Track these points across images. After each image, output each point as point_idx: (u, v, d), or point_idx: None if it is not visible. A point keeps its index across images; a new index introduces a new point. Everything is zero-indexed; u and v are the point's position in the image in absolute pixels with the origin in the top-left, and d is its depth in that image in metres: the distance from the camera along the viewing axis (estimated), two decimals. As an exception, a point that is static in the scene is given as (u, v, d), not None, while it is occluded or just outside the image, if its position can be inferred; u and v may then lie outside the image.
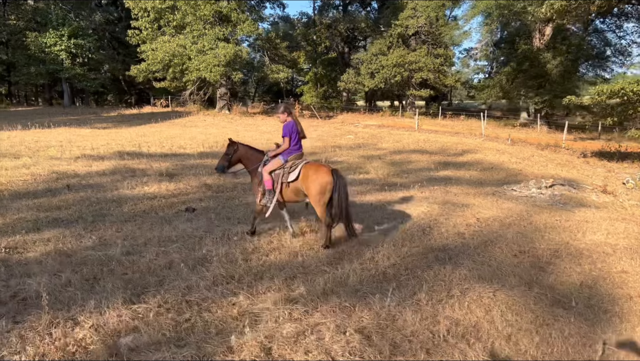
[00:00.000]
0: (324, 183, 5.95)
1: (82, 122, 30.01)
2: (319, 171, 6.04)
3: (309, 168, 6.13)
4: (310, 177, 6.02)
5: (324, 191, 5.96)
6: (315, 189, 5.99)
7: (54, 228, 6.73)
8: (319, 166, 6.21)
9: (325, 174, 5.99)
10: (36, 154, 14.80)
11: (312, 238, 6.48)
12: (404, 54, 37.03)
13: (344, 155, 17.93)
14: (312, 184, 6.00)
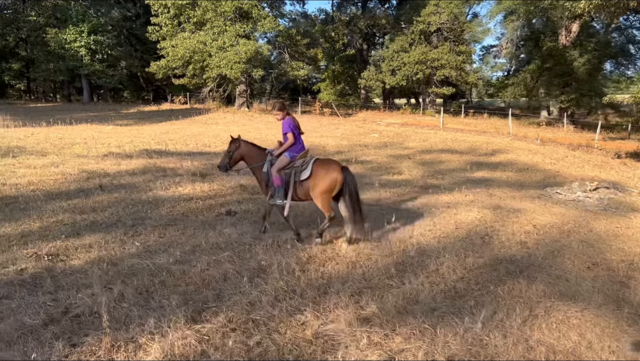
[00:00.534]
0: (334, 180, 5.86)
1: (102, 119, 29.91)
2: (330, 167, 5.96)
3: (319, 165, 6.05)
4: (320, 174, 5.93)
5: (331, 189, 5.89)
6: (323, 185, 5.90)
7: (93, 232, 6.39)
8: (330, 162, 6.14)
9: (336, 171, 5.89)
10: (62, 151, 14.57)
11: (368, 247, 6.07)
12: (426, 51, 36.37)
13: (372, 154, 17.48)
14: (321, 180, 5.91)
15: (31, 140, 16.86)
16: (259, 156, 6.54)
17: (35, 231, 6.35)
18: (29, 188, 9.00)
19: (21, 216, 7.03)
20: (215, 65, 32.30)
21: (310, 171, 6.02)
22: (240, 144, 6.57)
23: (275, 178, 6.16)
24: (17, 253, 5.41)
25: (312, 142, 20.03)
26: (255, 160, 6.53)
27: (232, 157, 6.54)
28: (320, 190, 5.93)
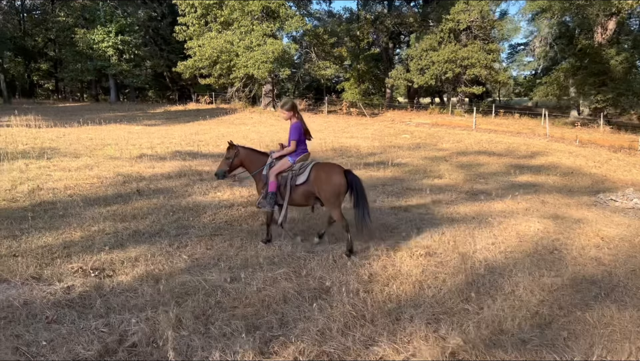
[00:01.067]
0: (338, 185, 5.65)
1: (131, 119, 29.94)
2: (332, 171, 5.73)
3: (320, 169, 5.81)
4: (323, 179, 5.70)
5: (338, 193, 5.67)
6: (328, 191, 5.67)
7: (137, 243, 6.06)
8: (331, 166, 5.90)
9: (339, 175, 5.68)
10: (94, 153, 14.42)
11: (432, 263, 5.61)
12: (455, 49, 35.59)
13: (406, 156, 16.96)
14: (325, 185, 5.67)
15: (63, 141, 16.78)
16: (258, 160, 6.31)
17: (77, 241, 6.05)
18: (66, 192, 8.76)
19: (61, 224, 6.75)
20: (242, 65, 32.08)
21: (307, 175, 5.79)
22: (238, 150, 6.35)
23: (271, 183, 5.92)
24: (62, 267, 5.10)
25: (343, 144, 19.63)
26: (255, 165, 6.32)
27: (232, 164, 6.34)
28: (327, 197, 5.71)
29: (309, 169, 5.84)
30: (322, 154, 16.82)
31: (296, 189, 5.87)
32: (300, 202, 6.06)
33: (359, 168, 13.71)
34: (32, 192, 8.56)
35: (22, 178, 9.59)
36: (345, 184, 5.69)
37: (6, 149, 13.96)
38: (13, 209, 7.42)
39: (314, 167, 5.86)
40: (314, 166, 5.89)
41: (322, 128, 26.94)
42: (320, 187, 5.72)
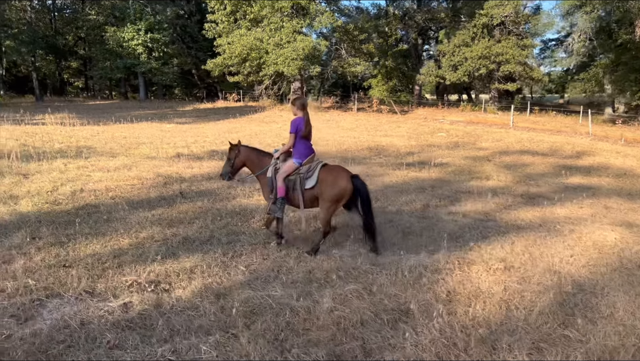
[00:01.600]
0: (342, 189, 5.44)
1: (161, 117, 29.93)
2: (339, 176, 5.53)
3: (327, 172, 5.62)
4: (328, 182, 5.51)
5: (339, 199, 5.49)
6: (330, 194, 5.48)
7: (189, 252, 5.70)
8: (339, 170, 5.69)
9: (346, 181, 5.45)
10: (130, 152, 14.22)
11: (513, 280, 5.09)
12: (489, 45, 34.66)
13: (446, 156, 16.38)
14: (328, 188, 5.49)
15: (98, 139, 16.68)
16: (261, 161, 6.13)
17: (126, 249, 5.72)
18: (107, 194, 8.49)
19: (107, 229, 6.44)
20: (272, 62, 31.78)
21: (316, 178, 5.59)
22: (239, 150, 6.16)
23: (280, 188, 5.72)
24: (115, 279, 4.75)
25: (378, 142, 19.12)
26: (258, 166, 6.15)
27: (234, 165, 6.20)
28: (327, 199, 5.52)
29: (317, 171, 5.62)
30: (358, 153, 16.37)
31: (306, 193, 5.67)
32: (308, 205, 5.86)
33: (401, 168, 13.21)
34: (73, 194, 8.31)
35: (62, 179, 9.38)
36: (350, 189, 5.47)
37: (43, 147, 13.87)
38: (57, 212, 7.16)
39: (321, 170, 5.63)
40: (322, 168, 5.66)
41: (354, 126, 26.45)
42: (323, 189, 5.52)
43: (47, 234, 6.11)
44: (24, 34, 40.91)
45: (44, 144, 14.75)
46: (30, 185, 8.70)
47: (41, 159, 11.52)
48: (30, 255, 5.35)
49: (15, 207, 7.23)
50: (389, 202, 8.86)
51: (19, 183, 8.84)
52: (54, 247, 5.64)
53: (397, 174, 12.43)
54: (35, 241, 5.81)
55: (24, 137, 15.93)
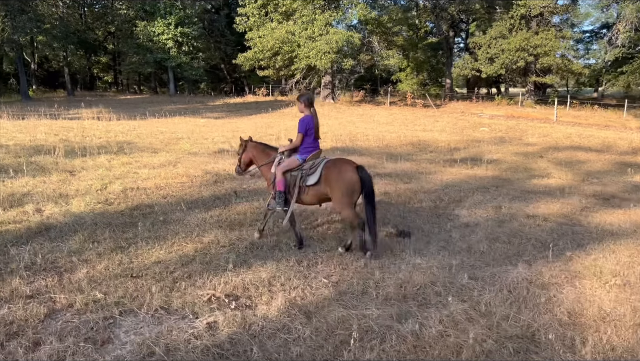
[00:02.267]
0: (351, 183, 5.19)
1: (193, 112, 29.73)
2: (344, 168, 5.28)
3: (331, 167, 5.36)
4: (334, 177, 5.26)
5: (351, 192, 5.22)
6: (340, 190, 5.21)
7: (260, 259, 5.21)
8: (343, 162, 5.44)
9: (352, 173, 5.22)
10: (170, 147, 13.89)
11: (636, 297, 4.45)
12: (528, 36, 33.44)
13: (495, 152, 15.61)
14: (337, 184, 5.23)
15: (136, 134, 16.41)
16: (265, 155, 6.05)
17: (192, 255, 5.26)
18: (159, 193, 8.08)
19: (167, 232, 6.00)
20: (304, 55, 31.22)
21: (319, 175, 5.37)
22: (246, 145, 6.22)
23: (279, 181, 5.60)
24: (190, 293, 4.28)
25: (420, 137, 18.44)
26: (261, 161, 6.07)
27: (242, 160, 6.26)
28: (338, 194, 5.25)
29: (320, 168, 5.41)
30: (401, 149, 15.72)
31: (307, 190, 5.52)
32: (312, 202, 5.70)
33: (453, 165, 12.56)
34: (124, 192, 7.91)
35: (110, 176, 9.01)
36: (358, 181, 5.19)
37: (83, 143, 13.62)
38: (110, 213, 6.75)
39: (325, 166, 5.41)
40: (325, 165, 5.42)
41: (390, 120, 25.78)
42: (331, 186, 5.29)
43: (105, 237, 5.69)
44: (56, 29, 41.17)
45: (84, 139, 14.51)
46: (79, 183, 8.34)
47: (84, 155, 11.23)
48: (92, 263, 4.92)
49: (68, 207, 6.85)
50: (455, 203, 8.23)
51: (66, 181, 8.50)
52: (116, 253, 5.20)
53: (450, 171, 11.77)
54: (94, 246, 5.40)
55: (63, 132, 15.75)
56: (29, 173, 8.65)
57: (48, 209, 6.68)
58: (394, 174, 10.98)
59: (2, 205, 6.72)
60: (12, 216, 6.21)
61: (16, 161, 9.99)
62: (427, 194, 8.81)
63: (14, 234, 5.62)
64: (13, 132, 15.01)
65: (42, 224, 6.02)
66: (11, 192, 7.43)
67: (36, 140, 13.46)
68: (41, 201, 7.04)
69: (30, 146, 12.13)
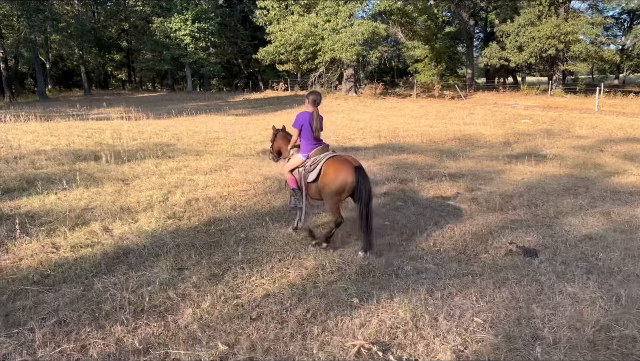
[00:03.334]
0: (343, 183, 5.15)
1: (217, 109, 29.02)
2: (340, 169, 5.23)
3: (329, 166, 5.35)
4: (329, 176, 5.27)
5: (340, 191, 5.22)
6: (331, 188, 5.25)
7: (381, 289, 4.42)
8: (342, 162, 5.31)
9: (347, 174, 5.15)
10: (210, 148, 13.19)
11: None
12: (559, 23, 32.26)
13: (548, 146, 14.69)
14: (331, 181, 5.25)
15: (169, 135, 15.73)
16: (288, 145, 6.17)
17: (301, 284, 4.48)
18: (225, 204, 7.32)
19: (259, 255, 5.23)
20: (329, 48, 30.32)
21: (318, 172, 5.43)
22: (276, 135, 6.48)
23: (290, 180, 5.88)
24: (329, 342, 3.51)
25: (463, 132, 17.57)
26: (286, 150, 6.24)
27: (273, 148, 6.56)
28: (328, 192, 5.31)
29: (320, 165, 5.42)
30: (449, 145, 14.88)
31: (310, 186, 5.62)
32: (317, 196, 5.70)
33: (515, 162, 11.70)
34: (189, 204, 7.17)
35: (166, 185, 8.28)
36: (351, 182, 5.12)
37: (121, 145, 12.98)
38: (185, 230, 6.01)
39: (325, 164, 5.39)
40: (326, 162, 5.40)
41: (423, 114, 24.87)
42: (325, 182, 5.33)
43: (193, 263, 4.95)
44: (72, 27, 40.61)
45: (120, 141, 13.86)
46: (137, 194, 7.61)
47: (128, 159, 10.52)
48: (194, 299, 4.17)
49: (137, 224, 6.12)
50: (553, 209, 7.37)
51: (122, 192, 7.77)
52: (214, 284, 4.46)
53: (518, 170, 10.91)
54: (186, 276, 4.65)
55: (96, 135, 15.10)
56: (81, 183, 7.93)
57: (117, 228, 5.95)
58: (460, 174, 10.16)
59: (64, 223, 6.01)
60: (81, 238, 5.48)
61: (61, 169, 9.30)
62: (514, 198, 7.96)
63: (91, 261, 4.89)
64: (45, 136, 14.37)
65: (117, 247, 5.28)
66: (69, 207, 6.72)
67: (73, 144, 12.81)
68: (105, 218, 6.31)
69: (69, 151, 11.45)
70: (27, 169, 9.11)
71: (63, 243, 5.27)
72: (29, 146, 12.39)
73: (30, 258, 4.89)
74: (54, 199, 7.05)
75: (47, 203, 6.87)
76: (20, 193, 7.42)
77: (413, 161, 11.92)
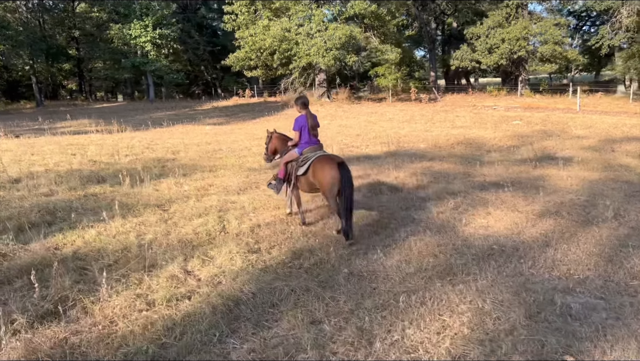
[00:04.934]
0: (330, 177, 5.83)
1: (189, 118, 27.70)
2: (326, 166, 5.92)
3: (317, 163, 6.04)
4: (318, 172, 5.97)
5: (332, 185, 5.83)
6: (323, 184, 5.93)
7: (517, 343, 3.72)
8: (327, 160, 6.00)
9: (332, 169, 5.83)
10: (218, 162, 12.29)
11: None
12: (527, 25, 32.85)
13: (557, 148, 14.48)
14: (321, 178, 5.93)
15: (160, 148, 14.67)
16: (284, 146, 6.95)
17: (468, 336, 3.71)
18: (294, 231, 6.41)
19: (390, 299, 4.41)
20: (305, 53, 29.53)
21: (306, 167, 6.13)
22: (271, 137, 7.21)
23: (281, 170, 6.66)
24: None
25: (464, 136, 17.21)
26: (281, 150, 7.04)
27: (268, 149, 7.26)
28: (323, 189, 5.98)
29: (310, 162, 6.10)
30: (459, 150, 14.46)
31: (299, 179, 6.36)
32: (307, 189, 6.49)
33: (545, 167, 11.29)
34: (254, 233, 6.24)
35: (210, 209, 7.27)
36: (337, 176, 5.78)
37: (116, 162, 11.76)
38: (275, 267, 5.09)
39: (313, 162, 6.07)
40: (315, 160, 6.07)
41: (408, 118, 24.53)
42: (318, 180, 5.98)
43: (323, 313, 4.07)
44: (21, 35, 37.88)
45: (113, 157, 12.58)
46: (187, 223, 6.58)
47: (141, 180, 9.37)
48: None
49: (217, 262, 5.15)
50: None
51: (168, 221, 6.72)
52: (369, 342, 3.61)
53: (554, 175, 10.38)
54: (327, 331, 3.77)
55: (80, 151, 13.71)
56: (119, 213, 6.78)
57: (198, 269, 4.96)
58: (502, 182, 9.56)
59: (130, 265, 4.96)
60: (169, 287, 4.46)
61: (76, 195, 8.08)
62: (595, 207, 7.44)
63: (202, 319, 3.91)
64: (25, 155, 12.88)
65: (220, 297, 4.30)
66: (121, 244, 5.64)
67: (61, 163, 11.46)
68: (174, 256, 5.29)
69: (69, 172, 10.12)
70: (38, 198, 7.84)
71: (153, 297, 4.25)
72: (14, 167, 10.97)
73: (123, 319, 3.87)
74: (94, 235, 5.94)
75: (90, 240, 5.76)
76: (49, 228, 6.24)
77: (440, 169, 11.32)
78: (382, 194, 8.51)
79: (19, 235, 5.88)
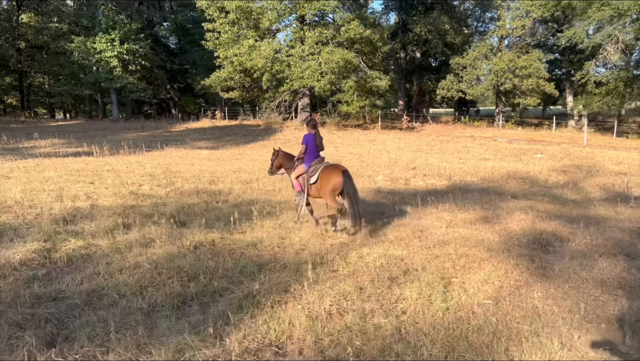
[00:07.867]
0: (334, 183, 6.65)
1: (168, 141, 24.99)
2: (332, 173, 6.73)
3: (324, 171, 6.88)
4: (324, 178, 6.80)
5: (333, 189, 6.70)
6: (327, 186, 6.73)
7: None
8: (333, 169, 6.83)
9: (337, 176, 6.65)
10: (265, 197, 10.13)
11: None
12: (513, 57, 32.95)
13: (617, 184, 13.54)
14: (326, 183, 6.75)
15: (191, 176, 12.32)
16: (289, 162, 7.70)
17: None
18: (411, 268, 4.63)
19: None
20: (298, 76, 27.88)
21: (317, 176, 6.92)
22: (278, 154, 7.91)
23: (296, 184, 7.40)
24: None
25: (509, 169, 16.01)
26: (287, 166, 7.75)
27: (274, 165, 7.92)
28: (325, 191, 6.80)
29: (319, 172, 6.92)
30: (512, 185, 13.26)
31: (311, 187, 7.11)
32: (316, 196, 7.15)
33: (633, 208, 10.03)
34: (357, 272, 4.40)
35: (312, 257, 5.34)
36: (340, 182, 6.60)
37: (168, 195, 9.50)
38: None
39: (322, 171, 6.89)
40: (323, 169, 6.88)
41: (414, 148, 23.29)
42: (322, 183, 6.82)
43: None
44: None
45: (149, 189, 10.26)
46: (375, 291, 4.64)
47: (225, 223, 7.25)
48: None
49: None
50: None
51: (335, 279, 4.74)
52: None
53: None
54: None
55: (96, 180, 11.21)
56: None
57: None
58: (605, 226, 8.07)
59: None
60: None
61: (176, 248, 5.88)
62: None
63: None
64: (33, 182, 10.29)
65: None
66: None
67: (93, 195, 9.08)
68: None
69: (117, 207, 7.80)
70: (134, 257, 5.59)
71: None
72: (42, 198, 8.53)
73: None
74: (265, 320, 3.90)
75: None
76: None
77: (523, 206, 9.79)
78: (549, 245, 6.83)
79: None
